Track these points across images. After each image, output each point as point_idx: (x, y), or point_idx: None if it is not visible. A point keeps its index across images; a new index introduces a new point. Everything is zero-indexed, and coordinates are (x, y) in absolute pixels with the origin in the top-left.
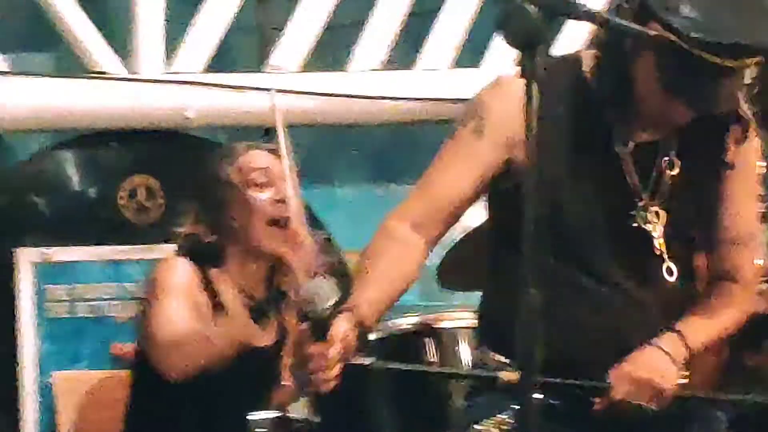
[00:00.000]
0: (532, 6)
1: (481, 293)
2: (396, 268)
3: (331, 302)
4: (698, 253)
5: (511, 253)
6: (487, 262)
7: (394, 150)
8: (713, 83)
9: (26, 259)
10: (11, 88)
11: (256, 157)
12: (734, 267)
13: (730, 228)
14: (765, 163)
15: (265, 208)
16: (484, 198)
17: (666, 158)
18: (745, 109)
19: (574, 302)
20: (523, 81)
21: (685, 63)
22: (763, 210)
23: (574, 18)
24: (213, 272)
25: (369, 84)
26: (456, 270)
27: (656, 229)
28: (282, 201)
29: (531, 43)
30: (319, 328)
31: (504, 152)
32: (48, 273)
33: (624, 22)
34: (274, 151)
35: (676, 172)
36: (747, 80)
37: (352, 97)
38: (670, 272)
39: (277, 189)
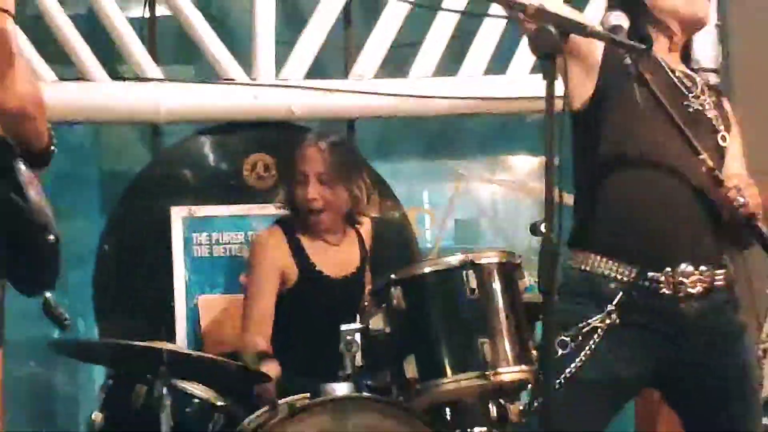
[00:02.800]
0: (553, 27)
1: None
2: None
3: None
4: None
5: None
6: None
7: (443, 135)
8: None
9: (178, 215)
10: (166, 92)
11: (305, 157)
12: None
13: None
14: None
15: (302, 202)
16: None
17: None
18: None
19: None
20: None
21: None
22: None
23: (583, 35)
24: (302, 238)
25: (424, 87)
26: None
27: (710, 109)
28: (312, 199)
29: (552, 54)
30: None
31: None
32: (193, 224)
33: (621, 39)
34: (326, 149)
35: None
36: None
37: (412, 96)
38: (723, 139)
39: (309, 188)
